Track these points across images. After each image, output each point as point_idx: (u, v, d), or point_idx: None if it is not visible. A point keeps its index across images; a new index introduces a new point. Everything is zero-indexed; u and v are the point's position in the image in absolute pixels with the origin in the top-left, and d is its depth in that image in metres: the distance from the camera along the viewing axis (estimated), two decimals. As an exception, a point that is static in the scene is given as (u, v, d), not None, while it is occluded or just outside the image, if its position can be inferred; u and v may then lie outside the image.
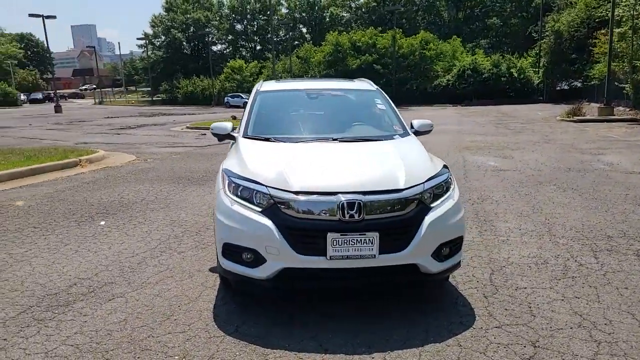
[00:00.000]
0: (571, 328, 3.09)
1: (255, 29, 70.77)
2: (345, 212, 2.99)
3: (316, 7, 67.95)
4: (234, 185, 3.28)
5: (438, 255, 3.21)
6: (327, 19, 67.61)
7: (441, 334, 3.04)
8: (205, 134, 16.59)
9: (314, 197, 3.05)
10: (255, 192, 3.15)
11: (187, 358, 2.75)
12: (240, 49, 70.48)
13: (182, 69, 62.29)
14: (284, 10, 69.88)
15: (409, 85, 43.69)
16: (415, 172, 3.33)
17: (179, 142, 15.18)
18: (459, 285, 3.81)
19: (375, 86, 4.94)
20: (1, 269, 4.16)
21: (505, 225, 5.43)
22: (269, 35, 69.36)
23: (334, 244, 2.97)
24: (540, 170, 8.91)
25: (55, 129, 21.43)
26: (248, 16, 69.70)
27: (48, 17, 39.19)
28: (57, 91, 49.64)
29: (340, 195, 3.03)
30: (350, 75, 45.20)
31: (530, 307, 3.40)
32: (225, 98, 50.34)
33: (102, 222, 5.65)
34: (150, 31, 65.81)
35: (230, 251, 3.17)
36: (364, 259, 3.00)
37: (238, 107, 46.96)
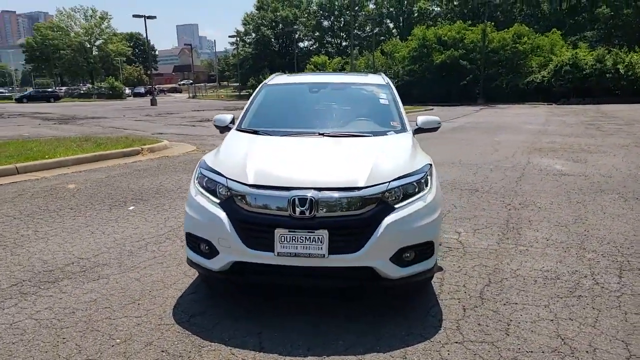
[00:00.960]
0: (542, 352, 2.73)
1: (341, 25, 71.15)
2: (296, 208, 2.90)
3: (405, 2, 66.63)
4: (200, 176, 3.34)
5: (399, 260, 3.00)
6: (416, 14, 66.05)
7: (392, 343, 2.84)
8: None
9: (267, 191, 2.99)
10: (217, 183, 3.17)
11: (127, 342, 2.85)
12: (326, 45, 71.27)
13: (269, 65, 64.52)
14: (371, 6, 69.45)
15: (498, 81, 41.24)
16: (384, 171, 3.13)
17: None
18: (443, 294, 3.54)
19: (387, 80, 4.73)
20: (20, 244, 4.61)
21: (533, 235, 4.94)
22: (355, 31, 69.47)
23: (282, 240, 2.90)
24: (611, 177, 7.97)
25: (143, 120, 23.26)
26: (335, 12, 70.25)
27: (149, 17, 42.75)
28: (158, 86, 53.95)
29: (293, 190, 2.94)
30: (434, 70, 43.88)
31: (508, 325, 3.06)
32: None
33: (131, 207, 6.03)
34: (241, 29, 68.98)
35: (192, 241, 3.22)
36: (313, 257, 2.89)
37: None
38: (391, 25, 70.12)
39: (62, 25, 76.91)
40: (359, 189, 2.97)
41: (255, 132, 3.98)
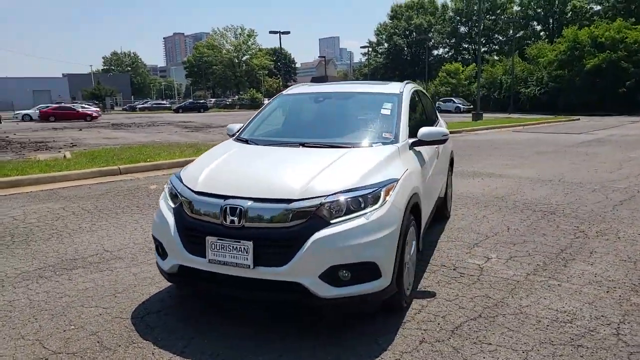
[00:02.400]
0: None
1: (481, 29, 67.67)
2: (227, 216, 2.92)
3: (556, 2, 60.77)
4: (169, 182, 3.54)
5: (333, 278, 2.81)
6: (569, 14, 59.80)
7: (310, 368, 2.67)
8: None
9: (205, 198, 3.06)
10: (176, 189, 3.34)
11: (79, 329, 3.13)
12: (462, 51, 68.45)
13: (400, 74, 64.22)
14: (515, 8, 64.81)
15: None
16: (325, 185, 2.97)
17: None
18: (410, 322, 3.20)
19: (403, 90, 4.41)
20: (72, 234, 5.34)
21: (582, 268, 4.19)
22: (495, 35, 65.54)
23: (213, 247, 2.93)
24: None
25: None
26: (474, 17, 67.16)
27: (284, 32, 45.82)
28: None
29: (229, 199, 2.97)
30: (584, 76, 39.21)
31: (456, 369, 2.65)
32: (437, 103, 49.81)
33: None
34: (374, 39, 69.89)
35: (155, 243, 3.43)
36: (240, 267, 2.87)
37: (449, 112, 45.95)
38: (538, 27, 64.53)
39: (215, 43, 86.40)
40: (290, 201, 2.87)
41: (246, 141, 4.09)
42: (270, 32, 46.21)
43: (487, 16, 65.41)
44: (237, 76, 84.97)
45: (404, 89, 4.45)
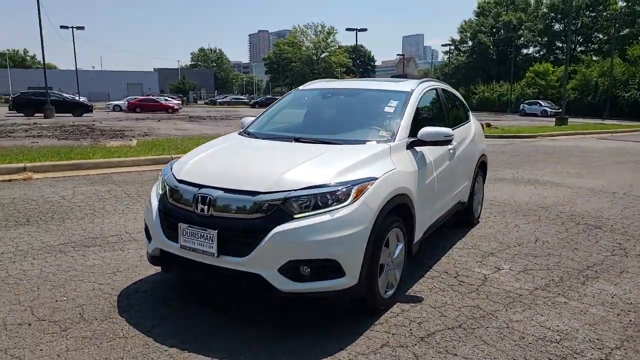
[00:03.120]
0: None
1: (578, 27, 63.01)
2: (198, 205, 3.05)
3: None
4: (163, 170, 3.74)
5: (293, 273, 2.85)
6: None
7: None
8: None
9: (183, 186, 3.22)
10: (164, 176, 3.54)
11: (69, 300, 3.43)
12: (556, 51, 64.14)
13: (484, 74, 61.65)
14: (620, 4, 59.52)
15: None
16: (294, 179, 3.00)
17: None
18: (380, 326, 3.14)
19: (413, 88, 4.29)
20: (102, 215, 5.79)
21: (602, 287, 3.86)
22: (595, 34, 60.80)
23: (184, 233, 3.08)
24: None
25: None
26: (573, 13, 62.62)
27: (360, 30, 45.82)
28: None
29: (203, 188, 3.09)
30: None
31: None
32: (521, 105, 47.23)
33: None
34: (457, 37, 67.61)
35: (144, 227, 3.65)
36: (206, 255, 2.98)
37: (534, 115, 43.39)
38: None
39: (295, 40, 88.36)
40: (256, 193, 2.93)
41: (248, 134, 4.21)
42: (347, 29, 46.35)
43: (587, 12, 60.78)
44: (315, 73, 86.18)
45: (417, 87, 4.33)
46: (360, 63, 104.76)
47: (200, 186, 3.13)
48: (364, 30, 45.89)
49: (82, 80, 54.59)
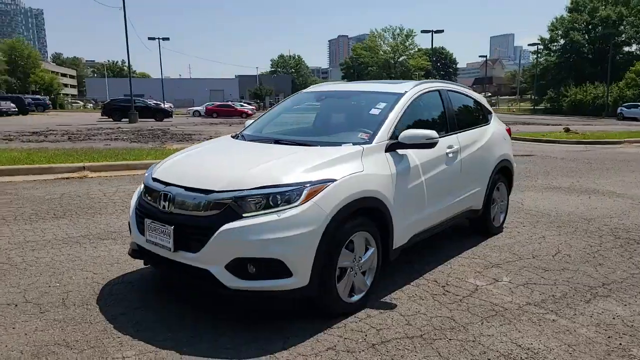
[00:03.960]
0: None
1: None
2: (161, 202, 3.24)
3: None
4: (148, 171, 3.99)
5: (238, 270, 2.93)
6: None
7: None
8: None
9: (154, 184, 3.43)
10: (145, 176, 3.78)
11: (60, 286, 3.76)
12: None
13: (576, 75, 57.57)
14: None
15: None
16: (248, 179, 3.09)
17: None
18: (336, 329, 3.12)
19: (407, 90, 4.21)
20: (125, 210, 6.22)
21: (605, 307, 3.54)
22: None
23: (148, 228, 3.28)
24: None
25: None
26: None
27: (437, 31, 44.90)
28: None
29: (169, 187, 3.28)
30: None
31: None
32: (619, 109, 43.49)
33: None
34: (547, 35, 63.79)
35: None
36: (165, 249, 3.16)
37: (634, 119, 39.80)
38: None
39: (372, 44, 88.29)
40: (210, 192, 3.06)
41: (240, 137, 4.36)
42: (423, 31, 45.66)
43: None
44: (392, 77, 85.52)
45: (411, 90, 4.24)
46: (441, 66, 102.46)
47: (166, 184, 3.32)
48: (441, 31, 44.87)
49: (170, 88, 58.82)
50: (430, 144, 3.73)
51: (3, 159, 9.79)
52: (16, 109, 40.00)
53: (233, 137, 4.46)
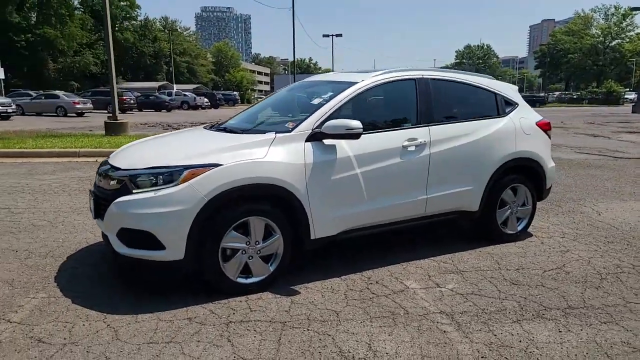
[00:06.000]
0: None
1: None
2: (97, 177, 3.94)
3: None
4: None
5: (124, 238, 3.46)
6: None
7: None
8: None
9: (103, 165, 4.07)
10: None
11: (58, 245, 4.77)
12: None
13: None
14: None
15: None
16: (151, 160, 3.57)
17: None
18: (201, 307, 3.41)
19: (364, 79, 4.20)
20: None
21: (530, 330, 3.11)
22: None
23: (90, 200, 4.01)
24: None
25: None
26: None
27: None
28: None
29: (105, 165, 3.92)
30: None
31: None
32: None
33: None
34: None
35: None
36: (95, 218, 3.85)
37: None
38: None
39: (575, 28, 78.84)
40: (118, 170, 3.63)
41: (212, 127, 4.76)
42: (633, 8, 39.19)
43: None
44: (599, 65, 75.33)
45: (368, 79, 4.20)
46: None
47: (106, 163, 3.98)
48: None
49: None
50: (352, 135, 3.70)
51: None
52: (209, 103, 46.94)
53: (205, 127, 4.90)
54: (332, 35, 50.13)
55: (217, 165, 3.42)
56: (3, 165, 9.77)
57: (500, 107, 4.84)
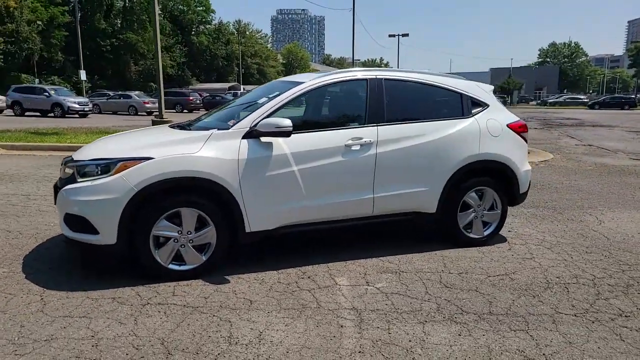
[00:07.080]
0: None
1: None
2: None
3: None
4: None
5: (69, 222, 3.83)
6: None
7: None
8: None
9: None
10: None
11: (48, 228, 5.28)
12: None
13: None
14: None
15: None
16: (96, 153, 3.94)
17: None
18: (129, 288, 3.69)
19: (308, 80, 4.37)
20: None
21: (428, 330, 3.11)
22: None
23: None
24: None
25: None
26: None
27: None
28: None
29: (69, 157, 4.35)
30: None
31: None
32: None
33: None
34: None
35: None
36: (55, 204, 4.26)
37: None
38: None
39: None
40: (73, 161, 4.01)
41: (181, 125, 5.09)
42: None
43: None
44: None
45: (314, 80, 4.35)
46: None
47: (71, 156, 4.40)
48: None
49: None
50: (282, 132, 3.85)
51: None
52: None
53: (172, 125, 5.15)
54: (398, 35, 49.59)
55: (148, 158, 3.70)
56: (52, 158, 10.77)
57: (465, 107, 4.75)
